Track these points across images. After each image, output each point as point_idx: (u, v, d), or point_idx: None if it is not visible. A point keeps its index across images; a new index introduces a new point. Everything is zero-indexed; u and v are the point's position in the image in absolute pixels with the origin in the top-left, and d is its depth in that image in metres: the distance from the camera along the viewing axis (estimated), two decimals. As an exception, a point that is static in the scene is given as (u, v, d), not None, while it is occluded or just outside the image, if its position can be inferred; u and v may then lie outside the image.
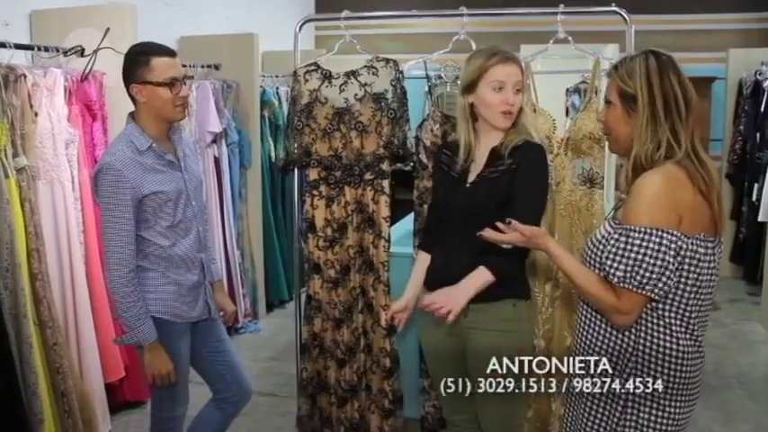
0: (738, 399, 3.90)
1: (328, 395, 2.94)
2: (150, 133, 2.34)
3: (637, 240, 1.65)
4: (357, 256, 2.84)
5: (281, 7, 6.97)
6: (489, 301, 2.23)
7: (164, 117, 2.38)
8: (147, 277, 2.38)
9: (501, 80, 2.22)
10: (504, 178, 2.23)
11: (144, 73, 2.30)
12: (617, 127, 1.80)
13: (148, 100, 2.32)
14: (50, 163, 3.26)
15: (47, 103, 3.28)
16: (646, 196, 1.67)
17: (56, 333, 3.13)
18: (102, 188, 2.27)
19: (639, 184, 1.68)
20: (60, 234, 3.32)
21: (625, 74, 1.76)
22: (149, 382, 2.41)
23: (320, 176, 2.83)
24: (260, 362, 4.53)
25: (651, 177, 1.68)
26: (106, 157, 2.30)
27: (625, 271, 1.66)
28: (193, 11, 5.45)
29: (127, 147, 2.30)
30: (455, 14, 2.78)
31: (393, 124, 2.77)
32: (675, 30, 7.13)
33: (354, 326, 2.87)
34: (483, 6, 3.04)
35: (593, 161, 2.69)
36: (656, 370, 1.75)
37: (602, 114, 1.85)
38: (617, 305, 1.70)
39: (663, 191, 1.67)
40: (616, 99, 1.78)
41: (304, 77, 2.83)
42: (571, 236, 2.71)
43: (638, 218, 1.67)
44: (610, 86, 1.80)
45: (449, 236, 2.34)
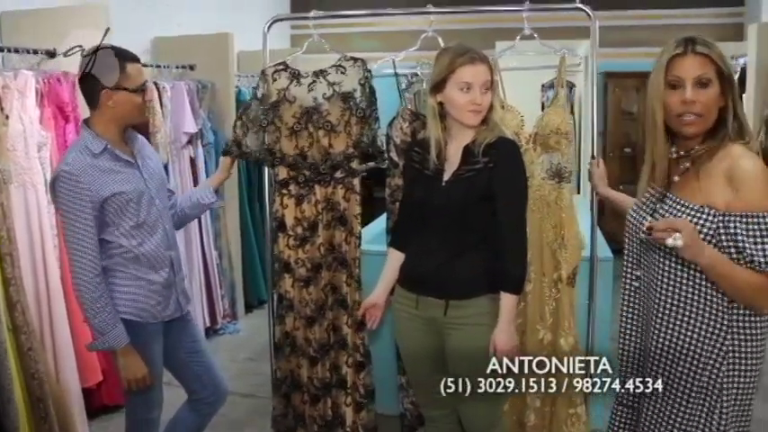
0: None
1: (301, 393, 2.95)
2: (107, 137, 2.34)
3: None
4: (328, 253, 2.85)
5: (256, 7, 6.96)
6: (470, 298, 2.27)
7: (129, 121, 2.41)
8: (117, 279, 2.38)
9: (468, 81, 2.23)
10: (481, 176, 2.25)
11: (119, 79, 2.30)
12: (714, 106, 1.77)
13: (118, 105, 2.32)
14: (23, 166, 3.25)
15: (18, 106, 3.26)
16: (763, 179, 1.70)
17: (30, 338, 3.11)
18: (59, 196, 2.27)
19: (751, 169, 1.70)
20: (34, 238, 3.31)
21: (719, 53, 1.76)
22: (124, 386, 2.41)
23: (289, 175, 2.83)
24: (238, 362, 4.54)
25: (757, 161, 1.72)
26: (61, 165, 2.30)
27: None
28: (167, 11, 5.44)
29: (81, 153, 2.29)
30: (422, 12, 2.79)
31: (362, 123, 2.78)
32: (650, 25, 7.22)
33: (326, 323, 2.88)
34: (461, 4, 3.07)
35: (561, 156, 2.72)
36: (748, 360, 1.78)
37: (699, 95, 1.76)
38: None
39: (766, 171, 1.71)
40: (715, 78, 1.76)
41: (272, 77, 2.82)
42: (541, 230, 2.74)
43: (764, 201, 1.68)
44: (704, 65, 1.75)
45: (424, 234, 2.35)
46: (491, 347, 2.19)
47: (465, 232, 2.28)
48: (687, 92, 1.75)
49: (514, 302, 2.25)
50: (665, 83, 1.78)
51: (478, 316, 2.26)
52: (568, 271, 2.72)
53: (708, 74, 1.75)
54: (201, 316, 4.82)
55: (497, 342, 2.19)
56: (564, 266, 2.71)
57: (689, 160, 1.82)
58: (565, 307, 2.73)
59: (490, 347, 2.19)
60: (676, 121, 1.79)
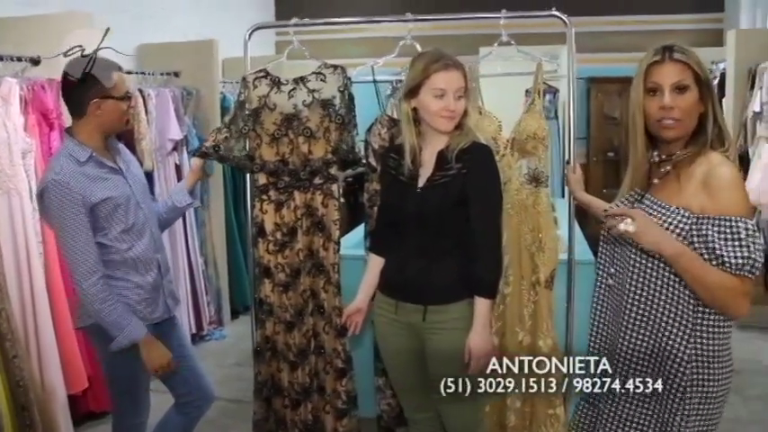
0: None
1: (282, 398, 2.96)
2: (91, 145, 2.37)
3: (743, 228, 1.71)
4: (307, 259, 2.87)
5: (241, 14, 7.00)
6: (448, 303, 2.31)
7: (113, 129, 2.45)
8: (108, 282, 2.39)
9: (442, 87, 2.25)
10: (455, 182, 2.28)
11: (106, 88, 2.33)
12: (692, 112, 1.81)
13: (104, 114, 2.35)
14: (7, 173, 3.27)
15: (2, 114, 3.28)
16: (740, 188, 1.77)
17: (15, 345, 3.12)
18: (51, 205, 2.29)
19: (726, 176, 1.75)
20: (19, 245, 3.32)
21: (697, 60, 1.80)
22: (152, 373, 2.45)
23: (269, 181, 2.85)
24: (225, 368, 4.55)
25: (733, 170, 1.77)
26: (50, 175, 2.31)
27: (746, 257, 1.70)
28: (152, 18, 5.48)
29: (67, 161, 2.32)
30: (401, 20, 2.83)
31: (341, 130, 2.81)
32: (632, 30, 7.30)
33: (305, 328, 2.90)
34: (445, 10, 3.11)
35: (538, 161, 2.76)
36: (712, 365, 1.82)
37: (677, 101, 1.80)
38: (746, 289, 1.74)
39: (743, 181, 1.78)
40: (693, 84, 1.80)
41: (253, 83, 2.85)
42: (519, 233, 2.78)
43: (741, 208, 1.74)
44: (682, 71, 1.79)
45: (402, 239, 2.39)
46: (466, 351, 2.23)
47: (441, 238, 2.32)
48: (665, 97, 1.79)
49: (489, 306, 2.29)
50: (645, 89, 1.83)
51: (456, 320, 2.30)
52: (546, 274, 2.75)
53: (685, 80, 1.79)
54: (188, 322, 4.83)
55: (472, 345, 2.23)
56: (542, 269, 2.75)
57: (670, 164, 1.87)
58: (543, 309, 2.76)
59: (466, 351, 2.23)
60: (656, 126, 1.83)
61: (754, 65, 4.89)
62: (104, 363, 2.50)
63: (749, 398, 3.94)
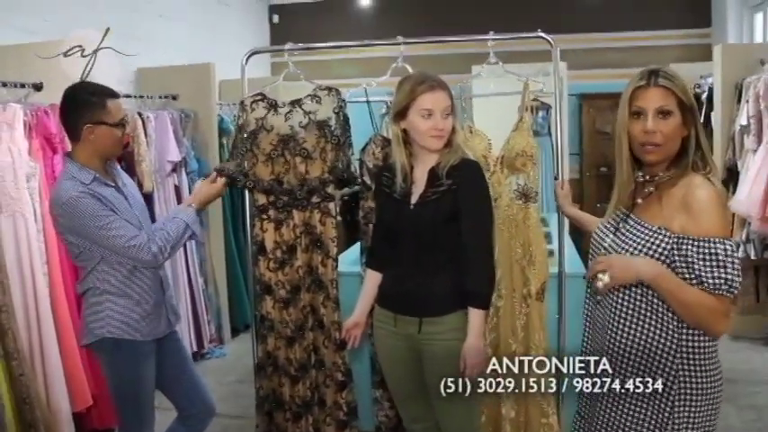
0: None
1: (283, 411, 3.02)
2: (92, 168, 2.46)
3: (722, 249, 1.76)
4: (306, 275, 2.94)
5: (237, 37, 7.12)
6: (443, 314, 2.39)
7: (109, 154, 2.54)
8: (113, 299, 2.49)
9: (429, 108, 2.34)
10: (446, 198, 2.36)
11: (99, 114, 2.42)
12: (675, 136, 1.86)
13: (99, 139, 2.44)
14: (12, 196, 3.34)
15: (7, 138, 3.36)
16: (720, 209, 1.81)
17: (22, 364, 3.19)
18: (75, 215, 2.36)
19: (705, 198, 1.79)
20: (24, 266, 3.38)
21: (682, 86, 1.86)
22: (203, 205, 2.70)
23: (268, 201, 2.93)
24: (226, 385, 4.60)
25: (713, 191, 1.81)
26: (63, 193, 2.38)
27: (723, 278, 1.75)
28: (150, 42, 5.57)
29: (73, 183, 2.40)
30: (392, 44, 2.93)
31: (337, 150, 2.88)
32: (623, 47, 7.43)
33: (306, 343, 2.96)
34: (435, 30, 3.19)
35: (528, 177, 2.84)
36: (698, 373, 1.86)
37: (660, 125, 1.85)
38: (725, 309, 1.79)
39: (724, 203, 1.84)
40: (676, 109, 1.85)
41: (250, 106, 2.93)
42: (510, 248, 2.85)
43: (720, 229, 1.79)
44: (665, 97, 1.84)
45: (398, 255, 2.47)
46: (461, 361, 2.30)
47: (434, 252, 2.40)
48: (648, 122, 1.84)
49: (482, 317, 2.36)
50: (630, 112, 1.88)
51: (450, 332, 2.37)
52: (537, 286, 2.83)
53: (669, 105, 1.84)
54: (189, 341, 4.89)
55: (466, 355, 2.30)
56: (533, 282, 2.82)
57: (653, 185, 1.92)
58: (535, 321, 2.83)
59: (460, 361, 2.30)
60: (639, 149, 1.89)
61: (740, 79, 4.97)
62: (111, 378, 2.57)
63: (742, 407, 4.00)
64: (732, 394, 4.12)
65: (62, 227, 2.46)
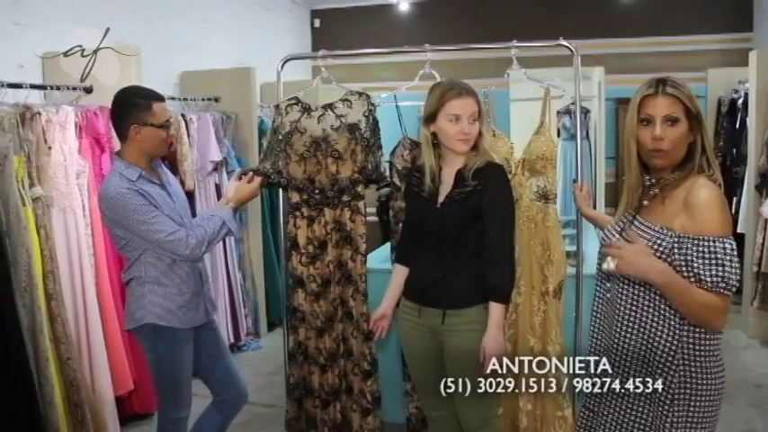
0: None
1: (313, 398, 3.16)
2: (139, 166, 2.62)
3: (720, 247, 1.83)
4: (336, 270, 3.08)
5: (279, 40, 7.28)
6: (465, 307, 2.51)
7: (155, 154, 2.70)
8: (153, 290, 2.65)
9: (457, 113, 2.47)
10: (471, 199, 2.49)
11: (146, 116, 2.58)
12: (681, 142, 1.93)
13: (145, 139, 2.60)
14: (63, 192, 3.52)
15: (59, 138, 3.55)
16: (720, 209, 1.86)
17: (69, 348, 3.38)
18: (121, 209, 2.53)
19: (705, 198, 1.86)
20: (72, 257, 3.57)
21: (688, 94, 1.93)
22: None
23: (302, 199, 3.07)
24: (262, 376, 4.74)
25: (713, 191, 1.88)
26: (111, 189, 2.55)
27: (720, 276, 1.82)
28: (194, 47, 5.75)
29: (120, 179, 2.56)
30: (420, 50, 3.06)
31: (366, 152, 3.02)
32: (660, 51, 7.39)
33: (335, 334, 3.09)
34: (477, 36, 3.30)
35: (547, 179, 2.95)
36: (699, 370, 1.92)
37: (668, 132, 1.91)
38: (725, 307, 1.86)
39: (725, 203, 1.90)
40: (683, 117, 1.91)
41: (285, 110, 3.09)
42: (530, 247, 2.97)
43: (719, 228, 1.85)
44: (673, 105, 1.91)
45: (424, 251, 2.60)
46: (481, 352, 2.42)
47: (459, 249, 2.52)
48: (656, 129, 1.91)
49: (502, 311, 2.48)
50: (638, 120, 1.96)
51: (471, 323, 2.50)
52: (554, 285, 2.93)
53: (676, 113, 1.91)
54: (226, 334, 5.04)
55: (486, 346, 2.42)
56: (551, 281, 2.93)
57: (658, 187, 1.99)
58: (552, 318, 2.94)
59: (480, 352, 2.42)
60: (647, 155, 1.97)
61: (776, 85, 4.98)
62: (152, 362, 2.74)
63: (767, 412, 4.01)
64: (759, 399, 4.15)
65: (109, 220, 2.64)
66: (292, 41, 7.58)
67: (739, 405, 3.98)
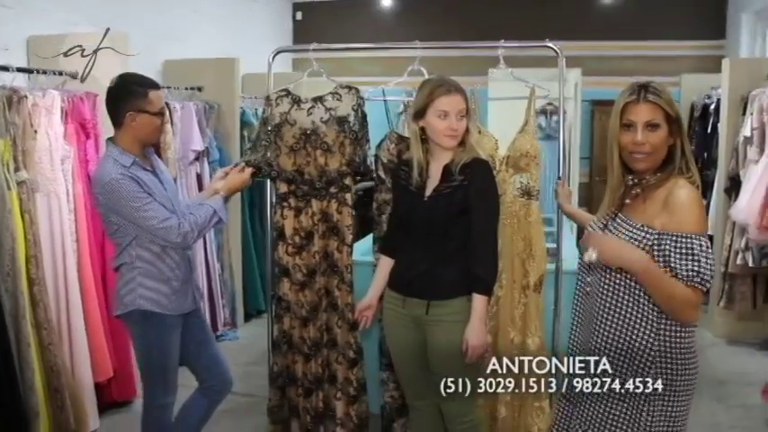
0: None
1: (296, 387, 3.20)
2: (132, 152, 2.65)
3: (697, 244, 1.91)
4: (322, 260, 3.12)
5: (261, 32, 7.28)
6: (449, 298, 2.57)
7: (148, 141, 2.72)
8: (143, 276, 2.67)
9: (445, 109, 2.53)
10: (458, 193, 2.55)
11: (142, 103, 2.61)
12: (662, 146, 2.00)
13: (140, 126, 2.63)
14: (48, 177, 3.50)
15: (45, 122, 3.52)
16: (698, 208, 1.95)
17: (51, 334, 3.37)
18: (114, 195, 2.55)
19: (684, 198, 1.94)
20: (56, 243, 3.55)
21: (668, 100, 2.01)
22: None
23: (289, 190, 3.11)
24: (239, 366, 4.69)
25: (692, 192, 1.96)
26: (105, 174, 2.57)
27: (695, 270, 1.90)
28: (178, 37, 5.74)
29: (114, 165, 2.59)
30: (409, 47, 3.11)
31: (354, 144, 3.07)
32: (636, 55, 7.54)
33: (319, 323, 3.14)
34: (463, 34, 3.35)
35: (530, 176, 3.03)
36: (675, 365, 1.99)
37: (649, 137, 1.99)
38: (697, 300, 1.94)
39: (702, 203, 1.98)
40: (663, 122, 1.99)
41: (275, 101, 3.12)
42: (512, 242, 3.04)
43: (697, 226, 1.93)
44: (653, 111, 1.98)
45: (410, 243, 2.65)
46: (464, 343, 2.49)
47: (444, 242, 2.58)
48: (638, 134, 1.99)
49: (485, 303, 2.54)
50: (620, 124, 2.04)
51: (455, 314, 2.56)
52: (535, 279, 3.01)
53: (656, 119, 1.99)
54: (204, 323, 5.05)
55: (469, 338, 2.48)
56: (531, 275, 3.01)
57: (640, 188, 2.07)
58: (532, 311, 3.02)
59: (463, 343, 2.49)
60: (629, 158, 2.05)
61: (747, 92, 5.08)
62: (139, 347, 2.77)
63: (731, 406, 4.14)
64: (723, 394, 4.29)
65: (102, 205, 2.66)
66: (274, 34, 7.59)
67: (705, 400, 4.09)
